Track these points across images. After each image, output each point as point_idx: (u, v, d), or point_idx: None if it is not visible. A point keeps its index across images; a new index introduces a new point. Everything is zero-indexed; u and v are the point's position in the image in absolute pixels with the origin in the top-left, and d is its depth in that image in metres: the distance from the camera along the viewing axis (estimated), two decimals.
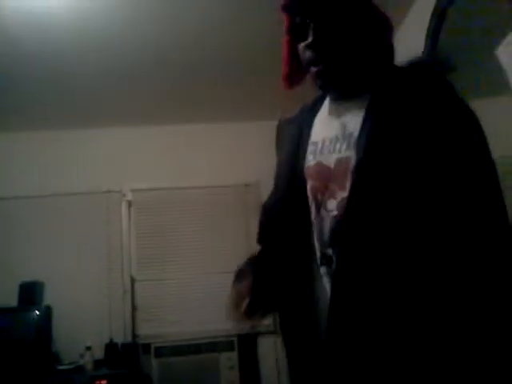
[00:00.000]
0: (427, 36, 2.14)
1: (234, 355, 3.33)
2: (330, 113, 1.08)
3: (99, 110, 3.48)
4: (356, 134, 0.97)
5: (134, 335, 3.46)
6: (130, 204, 3.71)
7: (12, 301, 3.09)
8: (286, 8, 1.05)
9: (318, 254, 1.00)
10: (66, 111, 3.44)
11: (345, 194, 0.95)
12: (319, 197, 1.01)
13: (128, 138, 3.76)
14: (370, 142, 0.94)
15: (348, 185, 0.94)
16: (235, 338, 3.37)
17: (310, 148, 1.07)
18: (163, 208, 3.72)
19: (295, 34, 1.04)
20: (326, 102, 1.11)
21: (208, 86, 3.21)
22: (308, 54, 1.01)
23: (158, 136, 3.80)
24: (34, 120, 3.57)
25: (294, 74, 1.11)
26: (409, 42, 2.51)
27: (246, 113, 3.59)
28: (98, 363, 3.11)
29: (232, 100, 3.43)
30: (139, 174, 3.73)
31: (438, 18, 2.01)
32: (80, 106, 3.39)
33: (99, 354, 3.20)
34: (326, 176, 1.00)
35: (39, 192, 3.59)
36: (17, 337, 2.89)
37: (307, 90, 1.12)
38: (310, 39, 0.99)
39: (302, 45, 1.02)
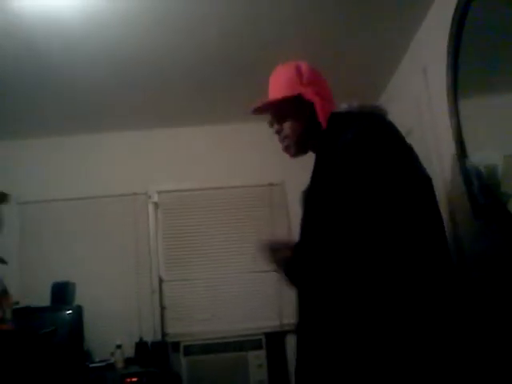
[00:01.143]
0: (450, 34, 2.12)
1: (262, 353, 3.35)
2: None
3: (125, 112, 3.55)
4: None
5: (164, 334, 3.52)
6: (156, 206, 3.77)
7: (45, 301, 3.17)
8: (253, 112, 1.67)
9: None
10: (93, 115, 3.52)
11: None
12: None
13: (153, 140, 3.83)
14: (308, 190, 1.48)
15: None
16: (263, 337, 3.40)
17: None
18: (189, 209, 3.77)
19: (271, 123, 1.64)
20: None
21: (232, 87, 3.26)
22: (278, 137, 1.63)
23: (183, 138, 3.86)
24: (63, 125, 3.66)
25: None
26: (431, 41, 2.51)
27: None
28: (128, 361, 3.18)
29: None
30: (165, 176, 3.79)
31: (461, 13, 2.00)
32: (107, 110, 3.47)
33: (129, 352, 3.26)
34: None
35: (70, 195, 3.70)
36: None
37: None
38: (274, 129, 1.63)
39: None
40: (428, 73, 2.59)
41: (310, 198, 1.40)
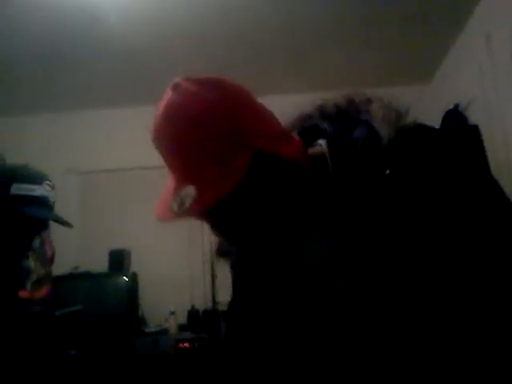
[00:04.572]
0: None
1: None
2: None
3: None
4: None
5: (215, 302, 3.60)
6: None
7: (103, 267, 3.31)
8: None
9: None
10: (145, 87, 3.57)
11: None
12: None
13: None
14: None
15: None
16: None
17: None
18: None
19: None
20: None
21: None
22: None
23: None
24: (114, 97, 3.74)
25: None
26: (496, 7, 2.37)
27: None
28: (181, 328, 3.28)
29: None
30: None
31: None
32: (158, 81, 3.50)
33: (182, 319, 3.37)
34: None
35: (125, 165, 3.80)
36: (108, 300, 3.09)
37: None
38: None
39: None
40: (492, 40, 2.45)
41: None
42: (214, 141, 0.68)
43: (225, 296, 3.55)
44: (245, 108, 0.72)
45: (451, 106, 2.68)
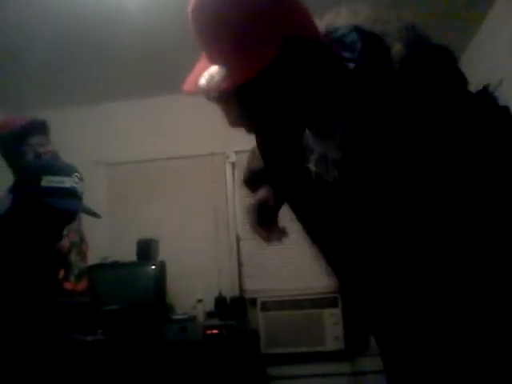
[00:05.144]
0: None
1: (338, 311, 3.38)
2: None
3: None
4: None
5: (241, 290, 3.64)
6: (233, 165, 3.84)
7: (131, 256, 3.38)
8: None
9: None
10: (171, 78, 3.59)
11: None
12: None
13: None
14: None
15: None
16: (338, 295, 3.42)
17: None
18: None
19: None
20: None
21: None
22: None
23: None
24: (139, 88, 3.78)
25: None
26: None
27: None
28: (209, 315, 3.34)
29: None
30: (242, 136, 3.81)
31: None
32: (183, 73, 3.52)
33: (209, 307, 3.42)
34: None
35: (153, 156, 3.85)
36: (137, 288, 3.16)
37: None
38: None
39: None
40: None
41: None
42: (253, 19, 0.69)
43: (251, 283, 3.61)
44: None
45: (480, 87, 2.61)
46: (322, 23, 0.79)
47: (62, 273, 2.07)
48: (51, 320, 1.67)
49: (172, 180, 3.85)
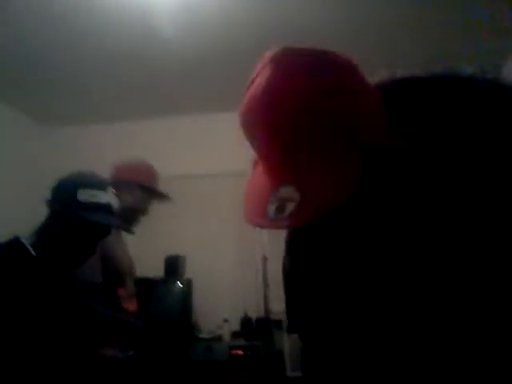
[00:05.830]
0: None
1: None
2: None
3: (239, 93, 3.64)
4: None
5: (267, 311, 3.61)
6: None
7: (155, 273, 3.38)
8: None
9: None
10: (207, 96, 3.65)
11: None
12: None
13: None
14: None
15: None
16: None
17: None
18: None
19: None
20: None
21: None
22: None
23: None
24: (184, 104, 3.85)
25: None
26: None
27: None
28: (234, 335, 3.31)
29: None
30: None
31: None
32: (221, 91, 3.57)
33: (235, 327, 3.39)
34: None
35: (181, 173, 3.88)
36: (164, 305, 3.16)
37: None
38: None
39: None
40: None
41: None
42: (326, 131, 0.53)
43: (277, 305, 3.57)
44: (361, 93, 0.55)
45: None
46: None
47: (122, 291, 2.11)
48: (86, 334, 1.67)
49: (201, 198, 3.87)
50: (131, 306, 2.19)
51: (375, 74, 0.59)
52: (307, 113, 0.52)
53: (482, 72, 0.57)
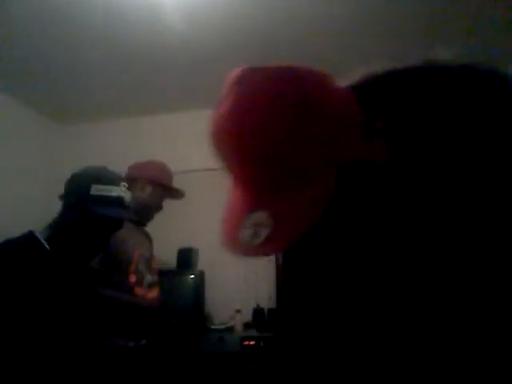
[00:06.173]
0: None
1: None
2: None
3: None
4: None
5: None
6: None
7: (172, 265, 3.42)
8: None
9: None
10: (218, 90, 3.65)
11: None
12: None
13: None
14: None
15: None
16: None
17: None
18: None
19: None
20: None
21: None
22: None
23: None
24: (180, 100, 3.87)
25: None
26: None
27: None
28: (246, 326, 3.34)
29: None
30: None
31: None
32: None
33: (247, 317, 3.41)
34: None
35: (192, 167, 3.92)
36: (177, 296, 3.20)
37: None
38: None
39: None
40: None
41: None
42: (300, 151, 0.50)
43: None
44: (332, 106, 0.52)
45: None
46: None
47: (133, 278, 2.17)
48: (98, 324, 1.71)
49: (211, 191, 3.88)
50: (150, 293, 2.24)
51: (354, 72, 0.53)
52: (275, 135, 0.50)
53: (466, 56, 0.50)
